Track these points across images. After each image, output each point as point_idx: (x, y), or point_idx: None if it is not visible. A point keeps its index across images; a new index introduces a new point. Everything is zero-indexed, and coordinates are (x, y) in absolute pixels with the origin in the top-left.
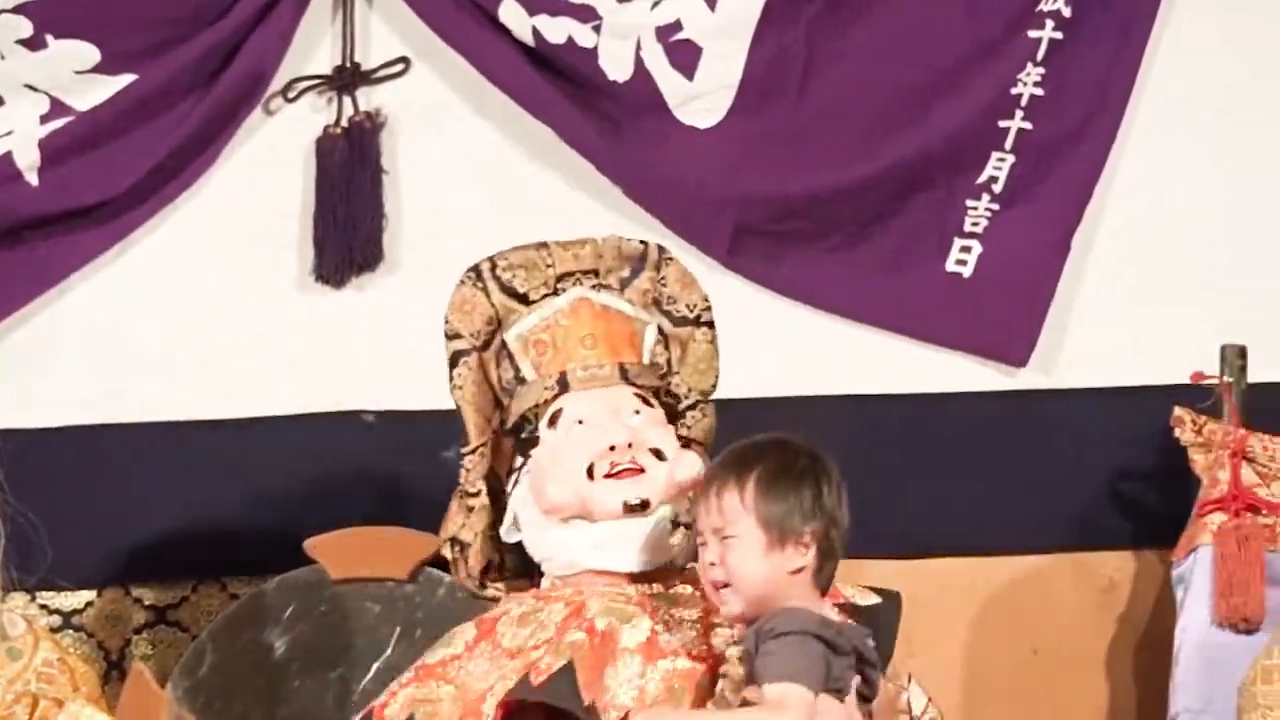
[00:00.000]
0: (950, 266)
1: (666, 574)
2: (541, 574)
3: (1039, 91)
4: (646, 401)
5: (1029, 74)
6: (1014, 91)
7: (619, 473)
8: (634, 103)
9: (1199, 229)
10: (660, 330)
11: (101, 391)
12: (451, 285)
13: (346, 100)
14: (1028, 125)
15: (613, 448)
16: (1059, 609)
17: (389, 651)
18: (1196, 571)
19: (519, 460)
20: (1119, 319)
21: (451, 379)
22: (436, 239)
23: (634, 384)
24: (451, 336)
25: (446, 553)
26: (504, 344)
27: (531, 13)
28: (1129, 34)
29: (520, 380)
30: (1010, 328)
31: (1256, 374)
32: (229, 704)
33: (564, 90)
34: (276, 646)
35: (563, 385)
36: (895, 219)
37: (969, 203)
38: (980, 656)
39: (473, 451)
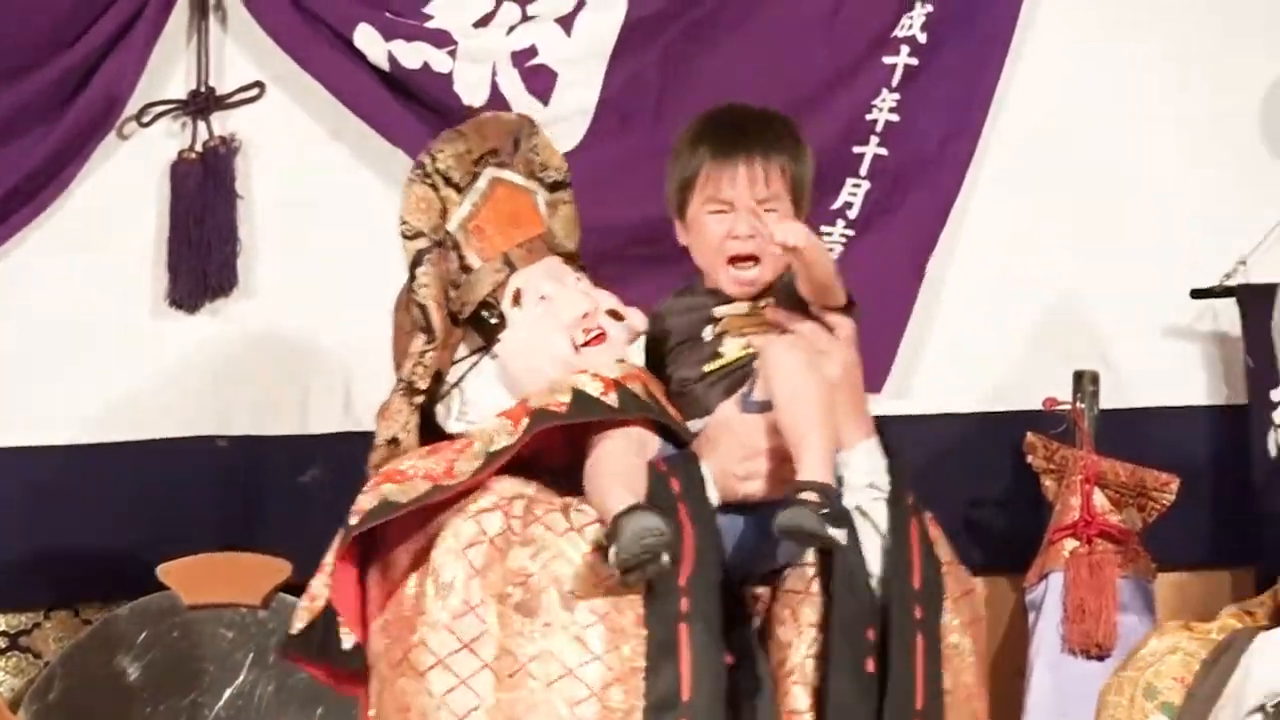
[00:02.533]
0: None
1: None
2: None
3: (894, 118)
4: (577, 268)
5: (884, 100)
6: (869, 117)
7: (594, 339)
8: None
9: (1052, 256)
10: (542, 198)
11: None
12: (306, 310)
13: (201, 125)
14: (883, 151)
15: (586, 314)
16: None
17: (242, 678)
18: (1049, 597)
19: (472, 347)
20: (973, 345)
21: (414, 279)
22: (291, 264)
23: (556, 252)
24: (413, 236)
25: (380, 452)
26: (448, 234)
27: (387, 38)
28: (984, 61)
29: (466, 268)
30: (865, 353)
31: (1108, 400)
32: None
33: (419, 115)
34: (129, 672)
35: (510, 266)
36: None
37: (824, 229)
38: None
39: (435, 347)
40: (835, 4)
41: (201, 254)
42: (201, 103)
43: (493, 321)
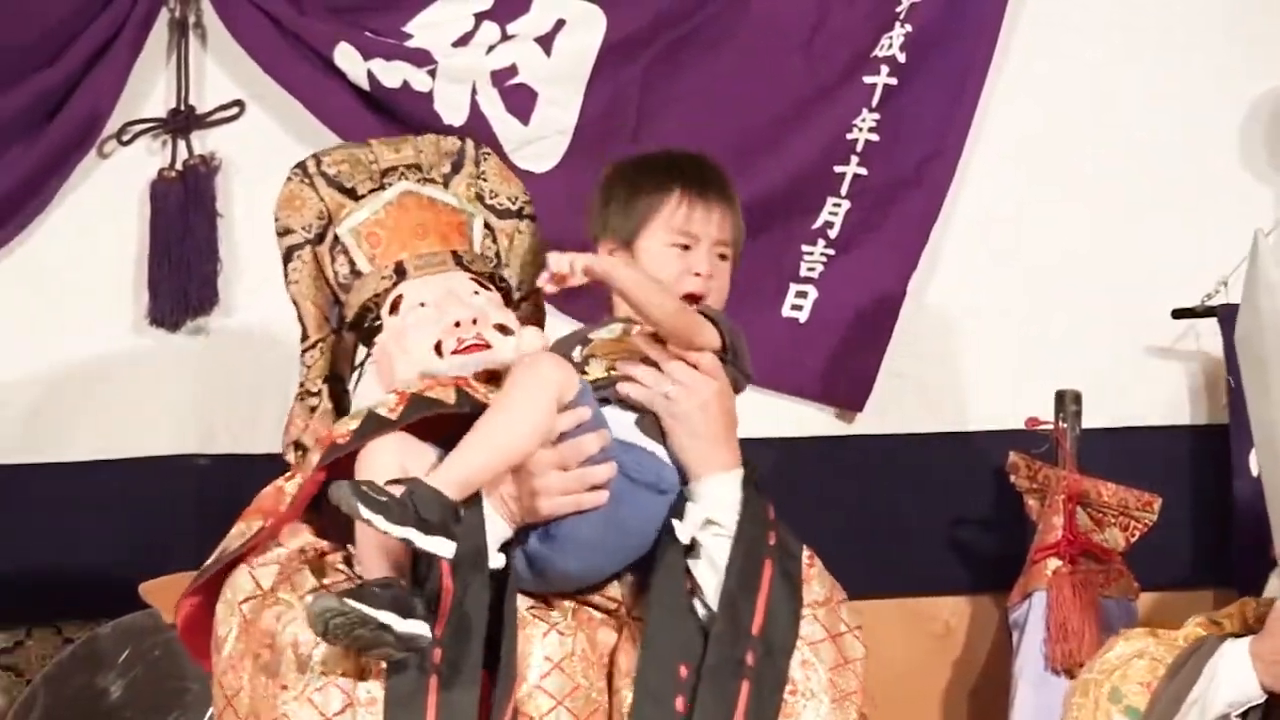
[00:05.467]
0: (786, 312)
1: None
2: None
3: (874, 137)
4: (484, 285)
5: (864, 120)
6: (849, 137)
7: (466, 348)
8: None
9: (1034, 275)
10: (486, 224)
11: None
12: (287, 328)
13: (181, 144)
14: (863, 171)
15: (458, 324)
16: (895, 653)
17: None
18: (1031, 616)
19: (362, 354)
20: (954, 364)
21: (287, 274)
22: (271, 283)
23: (469, 270)
24: (283, 233)
25: (289, 457)
26: (337, 238)
27: (366, 56)
28: (964, 80)
29: (356, 273)
30: (846, 373)
31: (1091, 420)
32: None
33: (399, 134)
34: (111, 691)
35: (400, 273)
36: None
37: (805, 248)
38: None
39: (312, 347)
40: (815, 24)
41: (182, 272)
42: (181, 121)
43: (372, 327)
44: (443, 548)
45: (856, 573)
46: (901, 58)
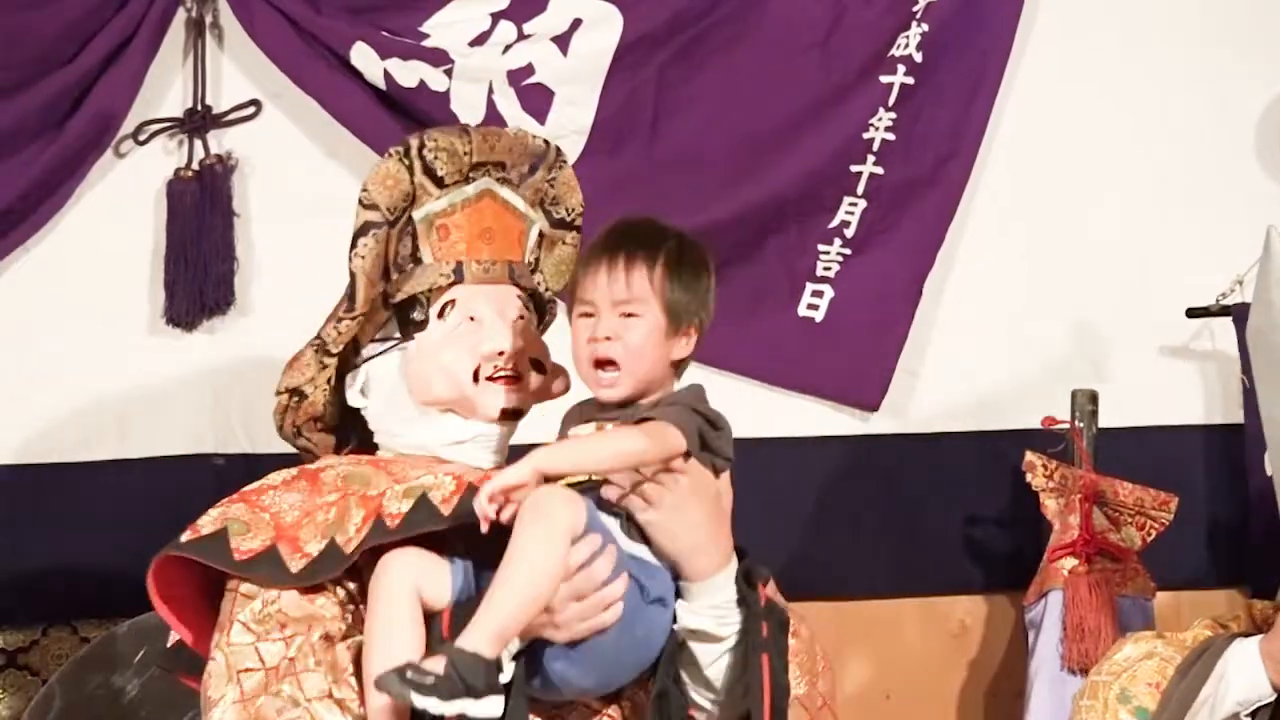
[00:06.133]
0: (802, 311)
1: None
2: (362, 446)
3: (891, 136)
4: (527, 306)
5: (881, 119)
6: (866, 136)
7: (502, 378)
8: None
9: (1050, 274)
10: (540, 231)
11: None
12: (304, 328)
13: (198, 143)
14: (879, 170)
15: (501, 353)
16: (912, 653)
17: None
18: (1048, 616)
19: (391, 332)
20: (971, 364)
21: (355, 247)
22: (287, 282)
23: (518, 284)
24: (368, 206)
25: (281, 399)
26: (410, 221)
27: (383, 56)
28: (981, 79)
29: (417, 260)
30: (862, 372)
31: (1107, 419)
32: None
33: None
34: (127, 690)
35: (458, 275)
36: (747, 264)
37: (821, 248)
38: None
39: (352, 316)
40: (832, 23)
41: (198, 272)
42: (198, 121)
43: (417, 319)
44: (493, 707)
45: (873, 572)
46: (918, 57)
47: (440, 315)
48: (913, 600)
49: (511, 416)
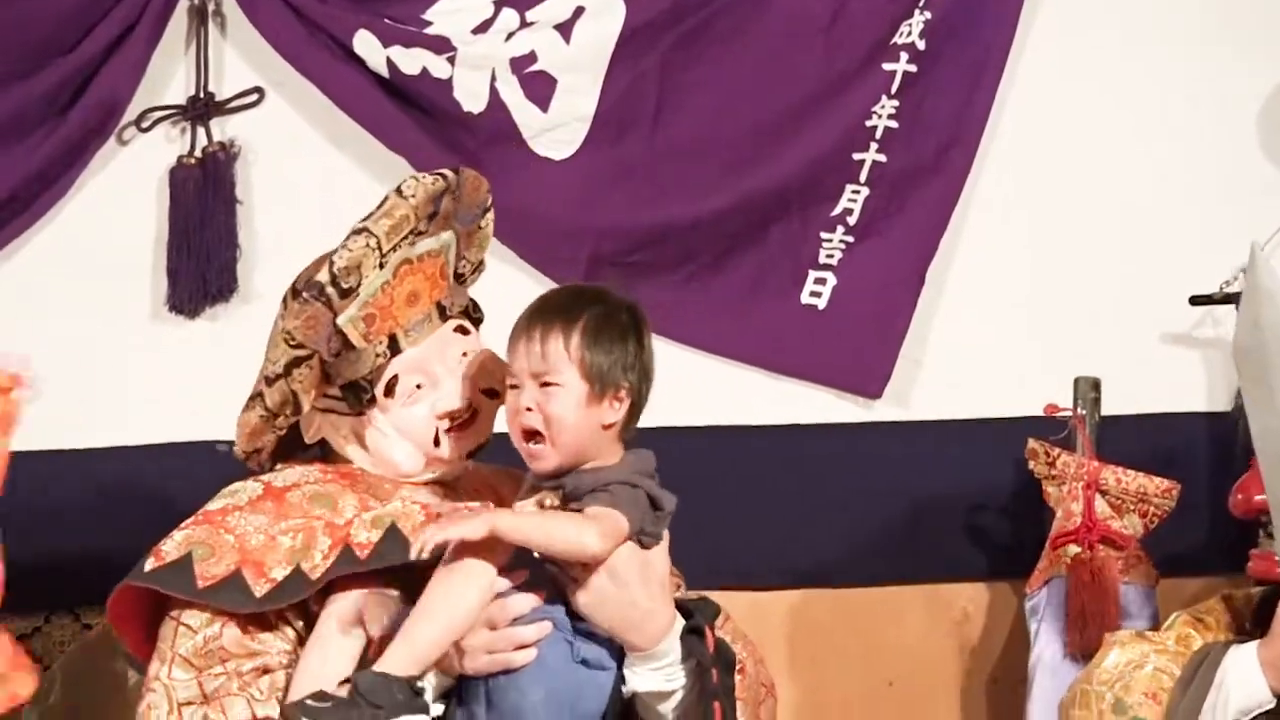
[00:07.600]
0: (805, 299)
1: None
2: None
3: (893, 124)
4: (464, 330)
5: (883, 106)
6: (868, 124)
7: (459, 426)
8: (489, 134)
9: (1052, 262)
10: (456, 239)
11: None
12: None
13: (200, 130)
14: (882, 158)
15: (453, 413)
16: (914, 640)
17: None
18: (1050, 603)
19: (336, 394)
20: (973, 351)
21: (289, 375)
22: (290, 269)
23: (450, 316)
24: (297, 346)
25: (240, 454)
26: (336, 328)
27: (386, 44)
28: (983, 67)
29: (350, 347)
30: (865, 360)
31: (1110, 406)
32: None
33: (418, 121)
34: (130, 676)
35: (394, 349)
36: (750, 251)
37: (823, 235)
38: (835, 688)
39: (296, 416)
40: (834, 11)
41: (201, 259)
42: (201, 108)
43: (365, 397)
44: None
45: (875, 560)
46: (921, 45)
47: (388, 393)
48: (915, 588)
49: (474, 454)
